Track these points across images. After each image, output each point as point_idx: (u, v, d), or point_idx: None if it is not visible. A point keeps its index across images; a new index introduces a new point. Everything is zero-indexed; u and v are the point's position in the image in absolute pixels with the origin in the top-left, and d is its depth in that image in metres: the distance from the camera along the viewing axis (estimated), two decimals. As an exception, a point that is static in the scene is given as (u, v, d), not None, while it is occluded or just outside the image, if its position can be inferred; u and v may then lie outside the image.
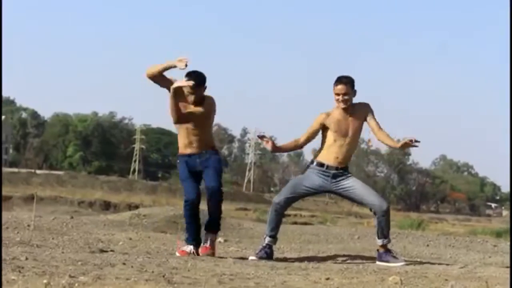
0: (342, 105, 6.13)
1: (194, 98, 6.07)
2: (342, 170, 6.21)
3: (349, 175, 6.25)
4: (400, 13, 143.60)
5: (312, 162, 6.32)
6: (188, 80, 6.05)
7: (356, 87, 6.20)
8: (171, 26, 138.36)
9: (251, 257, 6.18)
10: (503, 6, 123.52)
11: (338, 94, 6.14)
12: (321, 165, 6.21)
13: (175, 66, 6.01)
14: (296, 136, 6.31)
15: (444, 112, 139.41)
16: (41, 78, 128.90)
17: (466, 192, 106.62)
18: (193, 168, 6.22)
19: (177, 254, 6.07)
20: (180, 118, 6.09)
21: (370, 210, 6.20)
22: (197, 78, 6.10)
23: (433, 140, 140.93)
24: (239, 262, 5.72)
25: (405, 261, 6.21)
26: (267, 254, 6.23)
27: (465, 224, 54.18)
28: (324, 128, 6.23)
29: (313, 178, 6.21)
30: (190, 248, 6.09)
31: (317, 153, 6.32)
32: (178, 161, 6.35)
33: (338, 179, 6.19)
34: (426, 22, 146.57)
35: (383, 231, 6.13)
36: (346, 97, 6.12)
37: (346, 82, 6.14)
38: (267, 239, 6.29)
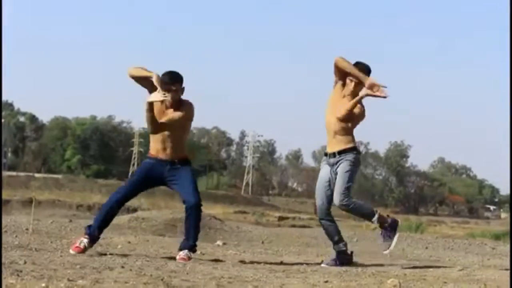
0: None
1: (171, 100, 5.90)
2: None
3: None
4: (399, 13, 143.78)
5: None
6: (163, 79, 5.89)
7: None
8: (169, 30, 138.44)
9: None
10: (502, 7, 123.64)
11: None
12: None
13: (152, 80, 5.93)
14: (296, 139, 6.36)
15: (443, 115, 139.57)
16: (39, 82, 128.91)
17: (465, 195, 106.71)
18: (158, 174, 6.02)
19: (72, 251, 5.80)
20: (158, 129, 5.97)
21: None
22: (173, 77, 5.93)
23: (431, 143, 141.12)
24: (238, 265, 5.72)
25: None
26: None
27: (463, 226, 54.19)
28: None
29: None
30: (84, 243, 5.87)
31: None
32: (143, 161, 6.22)
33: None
34: (426, 23, 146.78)
35: (363, 216, 6.33)
36: None
37: None
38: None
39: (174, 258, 6.03)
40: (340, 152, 6.23)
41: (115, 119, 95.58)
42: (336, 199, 6.15)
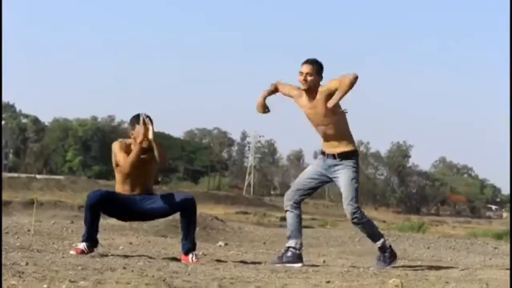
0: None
1: (148, 145, 6.03)
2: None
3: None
4: (400, 14, 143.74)
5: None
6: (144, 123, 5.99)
7: (356, 87, 5.85)
8: (170, 31, 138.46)
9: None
10: (502, 7, 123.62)
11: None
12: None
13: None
14: (297, 139, 6.25)
15: (444, 115, 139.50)
16: (40, 83, 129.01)
17: (466, 195, 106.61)
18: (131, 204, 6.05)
19: (72, 252, 5.86)
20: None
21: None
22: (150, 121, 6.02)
23: (432, 143, 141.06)
24: (240, 265, 5.72)
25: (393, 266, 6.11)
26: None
27: (465, 226, 54.20)
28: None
29: None
30: (83, 245, 5.90)
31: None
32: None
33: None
34: (426, 24, 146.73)
35: (368, 235, 6.12)
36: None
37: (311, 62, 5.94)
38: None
39: (176, 259, 6.03)
40: (341, 155, 5.94)
41: (115, 120, 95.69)
42: (348, 210, 5.91)
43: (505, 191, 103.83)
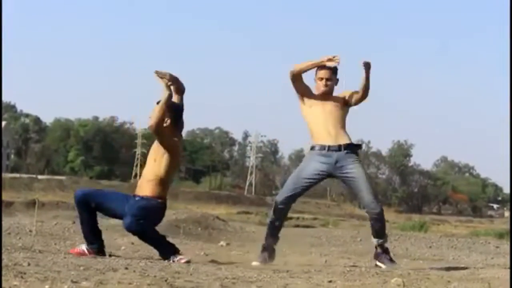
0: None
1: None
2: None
3: None
4: (401, 13, 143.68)
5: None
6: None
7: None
8: (171, 30, 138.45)
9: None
10: (502, 7, 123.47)
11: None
12: None
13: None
14: (298, 138, 6.23)
15: (445, 113, 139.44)
16: (42, 83, 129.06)
17: (468, 194, 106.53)
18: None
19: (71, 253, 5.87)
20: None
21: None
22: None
23: (434, 142, 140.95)
24: (242, 265, 5.71)
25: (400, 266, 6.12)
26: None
27: (467, 225, 54.17)
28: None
29: None
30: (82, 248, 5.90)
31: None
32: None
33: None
34: (427, 22, 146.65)
35: (377, 232, 6.09)
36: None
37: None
38: None
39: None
40: (348, 147, 5.95)
41: (117, 120, 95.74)
42: (376, 206, 5.96)
43: (507, 190, 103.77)
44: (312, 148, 6.05)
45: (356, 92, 6.09)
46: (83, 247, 5.89)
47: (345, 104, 6.07)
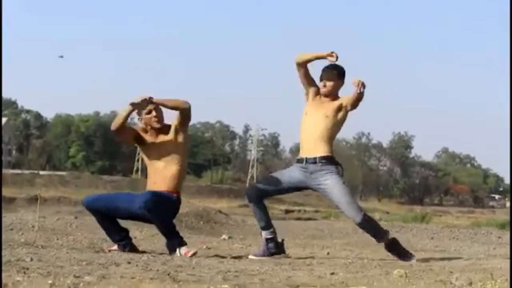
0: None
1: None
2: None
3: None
4: (402, 6, 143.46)
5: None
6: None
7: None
8: (172, 25, 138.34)
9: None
10: (503, 4, 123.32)
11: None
12: None
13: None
14: (299, 134, 6.11)
15: (445, 105, 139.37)
16: (42, 79, 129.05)
17: (469, 184, 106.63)
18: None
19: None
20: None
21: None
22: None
23: (435, 133, 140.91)
24: (244, 258, 5.72)
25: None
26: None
27: (468, 216, 54.16)
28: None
29: None
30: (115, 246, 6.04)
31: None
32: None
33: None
34: (428, 16, 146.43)
35: (374, 236, 6.01)
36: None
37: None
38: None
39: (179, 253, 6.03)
40: (322, 160, 5.84)
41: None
42: (356, 217, 5.79)
43: (508, 180, 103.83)
44: (296, 160, 6.06)
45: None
46: (115, 246, 6.03)
47: (339, 111, 5.87)
